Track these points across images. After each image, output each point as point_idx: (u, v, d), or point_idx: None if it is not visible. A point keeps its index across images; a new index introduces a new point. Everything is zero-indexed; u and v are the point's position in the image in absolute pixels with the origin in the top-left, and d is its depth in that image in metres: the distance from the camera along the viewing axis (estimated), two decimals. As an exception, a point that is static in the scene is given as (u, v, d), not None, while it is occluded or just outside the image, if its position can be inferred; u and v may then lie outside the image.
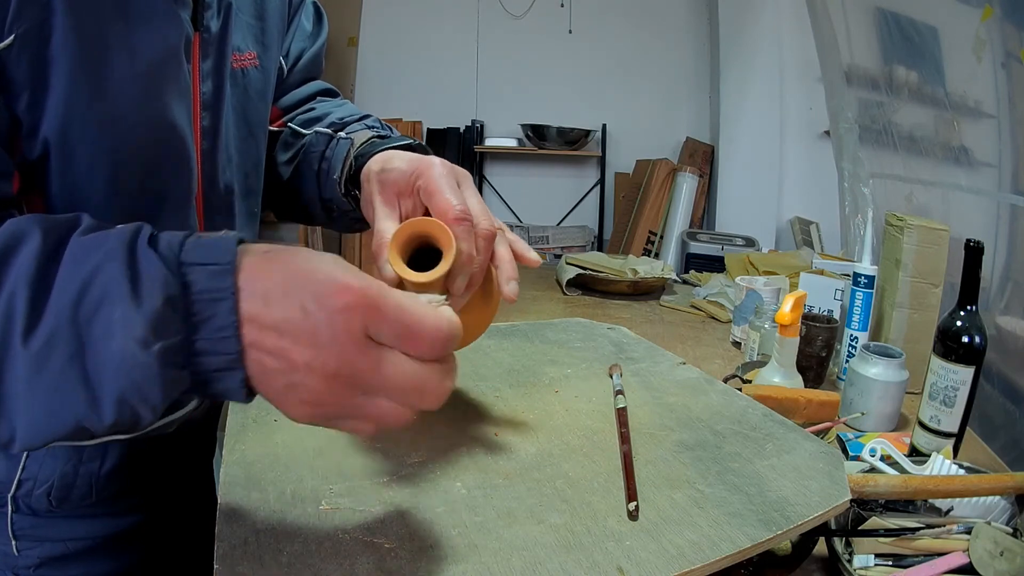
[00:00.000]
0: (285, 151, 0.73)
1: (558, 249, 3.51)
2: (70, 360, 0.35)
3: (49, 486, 0.57)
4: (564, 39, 3.54)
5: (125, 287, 0.35)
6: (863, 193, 1.82)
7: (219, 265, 0.36)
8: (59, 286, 0.35)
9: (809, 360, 1.03)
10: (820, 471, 0.54)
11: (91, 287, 0.35)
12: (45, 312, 0.35)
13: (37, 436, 0.36)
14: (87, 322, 0.35)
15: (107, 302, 0.35)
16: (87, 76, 0.43)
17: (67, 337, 0.35)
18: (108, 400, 0.35)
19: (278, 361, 0.36)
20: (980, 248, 0.77)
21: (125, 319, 0.34)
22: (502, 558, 0.42)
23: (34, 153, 0.44)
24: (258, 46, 0.62)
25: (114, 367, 0.35)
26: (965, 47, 1.23)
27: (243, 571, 0.40)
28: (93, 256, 0.36)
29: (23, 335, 0.34)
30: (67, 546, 0.61)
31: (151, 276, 0.35)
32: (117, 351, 0.34)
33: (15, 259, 0.35)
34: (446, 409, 0.62)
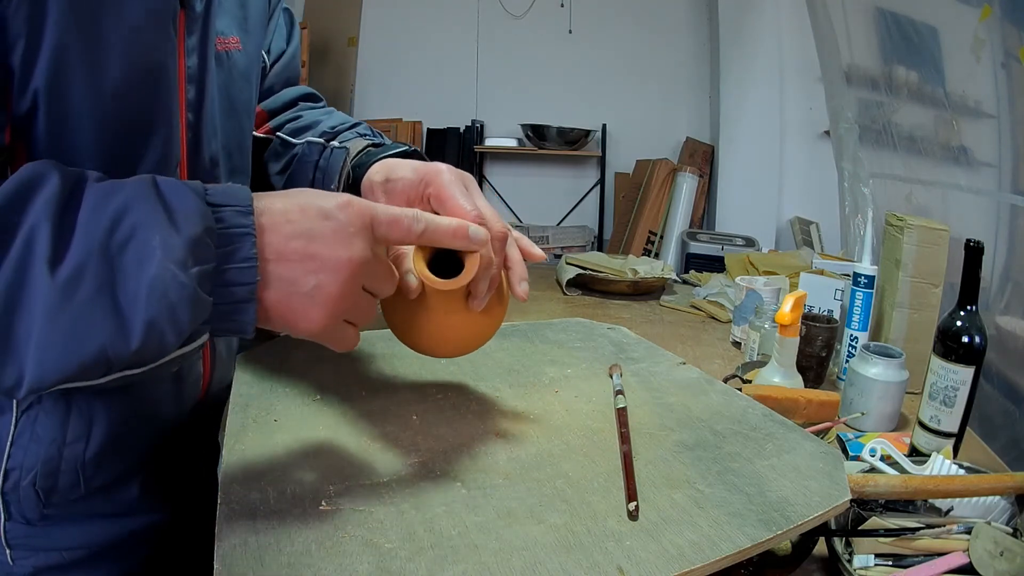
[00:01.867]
0: (276, 161, 0.75)
1: (558, 249, 3.51)
2: (100, 289, 0.37)
3: (34, 475, 0.56)
4: (564, 39, 3.54)
5: (162, 217, 0.38)
6: (863, 193, 1.82)
7: (242, 206, 0.41)
8: (84, 221, 0.38)
9: (809, 360, 1.03)
10: (820, 471, 0.54)
11: (123, 219, 0.38)
12: (72, 245, 0.37)
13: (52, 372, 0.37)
14: (119, 251, 0.37)
15: (141, 231, 0.38)
16: (79, 30, 0.46)
17: (98, 266, 0.37)
18: (138, 324, 0.37)
19: (306, 264, 0.42)
20: (980, 248, 0.77)
21: (165, 243, 0.37)
22: (502, 558, 0.42)
23: (24, 106, 0.45)
24: (241, 32, 0.64)
25: (148, 290, 0.37)
26: (964, 47, 1.23)
27: (243, 571, 0.40)
28: (119, 195, 0.39)
29: (49, 266, 0.36)
30: (63, 555, 0.60)
31: (188, 208, 0.39)
32: (154, 275, 0.37)
33: (36, 196, 0.37)
34: (446, 409, 0.63)
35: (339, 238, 0.43)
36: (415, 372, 0.71)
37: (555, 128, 3.36)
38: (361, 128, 0.75)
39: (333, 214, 0.43)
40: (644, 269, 1.72)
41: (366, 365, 0.73)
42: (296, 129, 0.76)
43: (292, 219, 0.43)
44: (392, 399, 0.64)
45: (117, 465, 0.61)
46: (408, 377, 0.70)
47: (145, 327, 0.37)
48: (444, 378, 0.70)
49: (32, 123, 0.46)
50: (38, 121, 0.46)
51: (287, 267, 0.42)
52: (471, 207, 0.52)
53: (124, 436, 0.61)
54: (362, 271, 0.44)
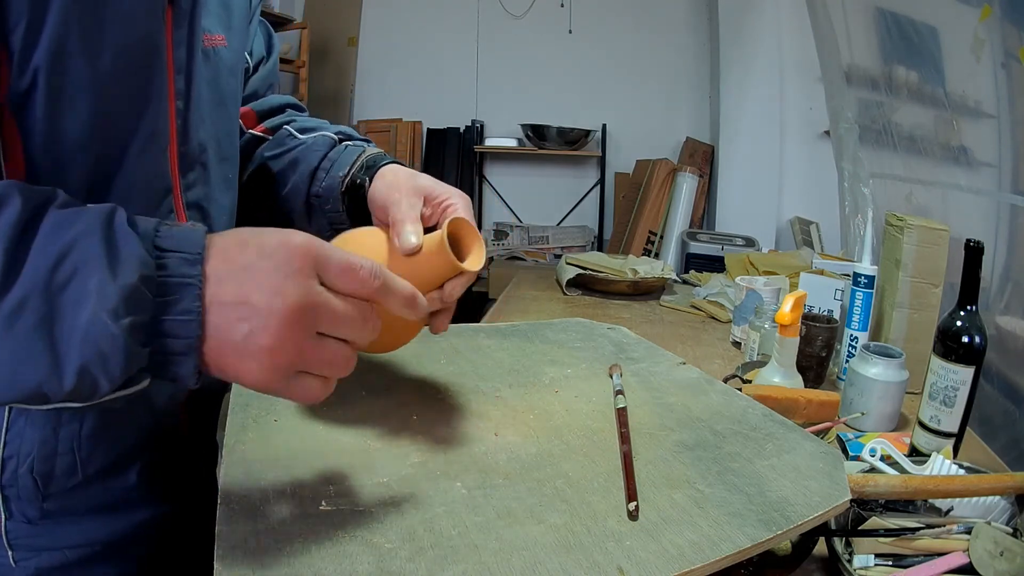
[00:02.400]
0: (275, 148, 0.78)
1: (558, 249, 3.50)
2: (38, 325, 0.37)
3: (31, 460, 0.56)
4: (564, 39, 3.54)
5: (102, 259, 0.38)
6: (863, 193, 1.82)
7: (191, 253, 0.40)
8: (35, 253, 0.37)
9: (809, 360, 1.03)
10: (820, 471, 0.54)
11: (68, 256, 0.37)
12: (19, 277, 0.37)
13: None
14: (59, 289, 0.37)
15: (82, 271, 0.37)
16: (81, 10, 0.47)
17: (38, 302, 0.37)
18: (71, 367, 0.37)
19: (238, 309, 0.40)
20: (980, 248, 0.77)
21: (100, 289, 0.37)
22: (502, 558, 0.42)
23: (23, 83, 0.46)
24: (226, 30, 0.67)
25: (81, 335, 0.37)
26: (964, 47, 1.23)
27: (243, 571, 0.40)
28: (71, 228, 0.38)
29: None
30: (65, 555, 0.60)
31: (129, 253, 0.38)
32: (87, 320, 0.37)
33: None
34: (446, 409, 0.63)
35: (273, 280, 0.40)
36: (415, 372, 0.71)
37: (555, 128, 3.36)
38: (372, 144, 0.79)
39: (271, 251, 0.41)
40: (644, 269, 1.72)
41: (366, 365, 0.73)
42: (303, 128, 0.79)
43: (230, 257, 0.41)
44: (392, 399, 0.64)
45: (113, 446, 0.61)
46: (408, 377, 0.70)
47: (78, 371, 0.37)
48: (444, 378, 0.70)
49: (30, 101, 0.47)
50: (36, 99, 0.47)
51: (218, 312, 0.40)
52: None
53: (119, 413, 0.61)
54: (303, 317, 0.40)
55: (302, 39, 3.24)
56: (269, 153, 0.78)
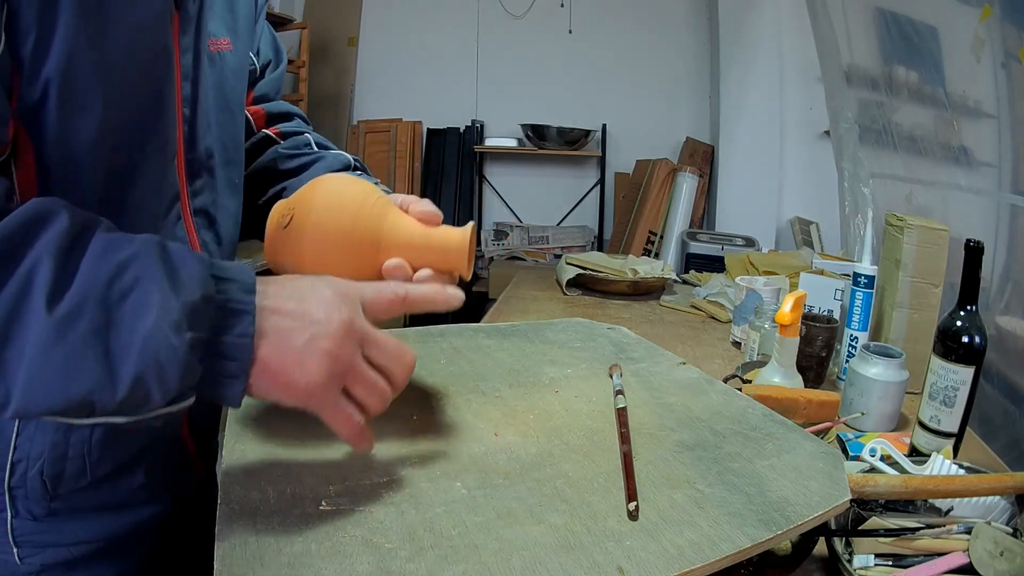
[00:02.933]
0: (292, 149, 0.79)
1: (558, 249, 3.50)
2: (94, 333, 0.37)
3: (41, 463, 0.56)
4: (564, 39, 3.54)
5: (163, 276, 0.39)
6: (863, 193, 1.82)
7: (246, 284, 0.43)
8: (88, 264, 0.38)
9: (809, 360, 1.03)
10: (820, 471, 0.54)
11: (126, 271, 0.39)
12: (73, 284, 0.37)
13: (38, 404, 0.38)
14: (118, 301, 0.38)
15: (143, 284, 0.38)
16: (89, 21, 0.47)
17: (94, 311, 0.37)
18: (126, 377, 0.38)
19: (300, 319, 0.44)
20: (980, 248, 0.77)
21: (163, 303, 0.38)
22: (502, 558, 0.42)
23: (34, 95, 0.46)
24: (231, 34, 0.67)
25: (140, 345, 0.38)
26: (965, 47, 1.22)
27: (243, 571, 0.40)
28: (126, 246, 0.40)
29: (47, 302, 0.36)
30: (70, 551, 0.60)
31: (191, 273, 0.40)
32: (147, 331, 0.38)
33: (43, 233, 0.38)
34: (446, 409, 0.63)
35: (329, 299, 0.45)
36: (415, 372, 0.71)
37: (555, 128, 3.36)
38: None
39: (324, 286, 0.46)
40: (644, 269, 1.72)
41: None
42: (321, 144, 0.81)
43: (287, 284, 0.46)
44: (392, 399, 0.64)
45: (122, 449, 0.62)
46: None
47: (132, 380, 0.38)
48: (444, 378, 0.70)
49: (41, 112, 0.47)
50: (47, 110, 0.47)
51: (280, 322, 0.43)
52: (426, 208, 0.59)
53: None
54: (355, 334, 0.46)
55: (302, 39, 3.24)
56: (284, 152, 0.78)
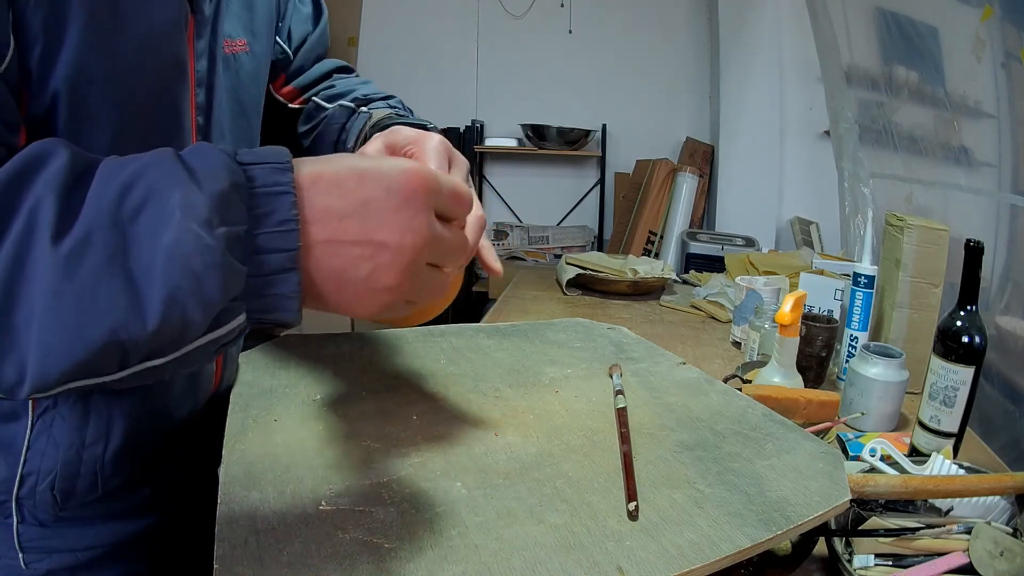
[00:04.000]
0: (306, 123, 0.76)
1: (558, 249, 3.50)
2: (109, 259, 0.31)
3: (53, 478, 0.56)
4: (564, 39, 3.54)
5: (182, 176, 0.33)
6: (863, 193, 1.82)
7: (278, 163, 0.36)
8: (95, 192, 0.33)
9: (809, 360, 1.03)
10: (820, 471, 0.54)
11: (135, 185, 0.33)
12: (79, 217, 0.32)
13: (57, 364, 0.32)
14: (131, 218, 0.32)
15: (158, 193, 0.32)
16: (98, 33, 0.45)
17: (106, 234, 0.32)
18: (155, 298, 0.32)
19: (363, 248, 0.37)
20: (980, 248, 0.77)
21: (187, 202, 0.32)
22: (502, 558, 0.42)
23: (42, 107, 0.45)
24: (248, 34, 0.65)
25: (166, 258, 0.32)
26: (965, 47, 1.22)
27: (243, 571, 0.40)
28: (132, 163, 0.34)
29: (51, 240, 0.31)
30: (77, 556, 0.60)
31: (213, 164, 0.34)
32: (173, 239, 0.32)
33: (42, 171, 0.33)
34: (446, 409, 0.63)
35: (401, 217, 0.37)
36: (415, 372, 0.71)
37: (555, 128, 3.36)
38: (393, 101, 0.76)
39: (394, 186, 0.37)
40: (644, 269, 1.72)
41: (366, 365, 0.73)
42: (331, 96, 0.77)
43: (347, 188, 0.37)
44: (392, 399, 0.64)
45: (135, 465, 0.62)
46: (408, 377, 0.70)
47: (165, 302, 0.32)
48: (444, 378, 0.70)
49: (51, 124, 0.46)
50: (57, 122, 0.46)
51: (338, 249, 0.36)
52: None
53: (141, 435, 0.61)
54: (425, 253, 0.39)
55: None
56: (302, 128, 0.76)
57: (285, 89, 0.76)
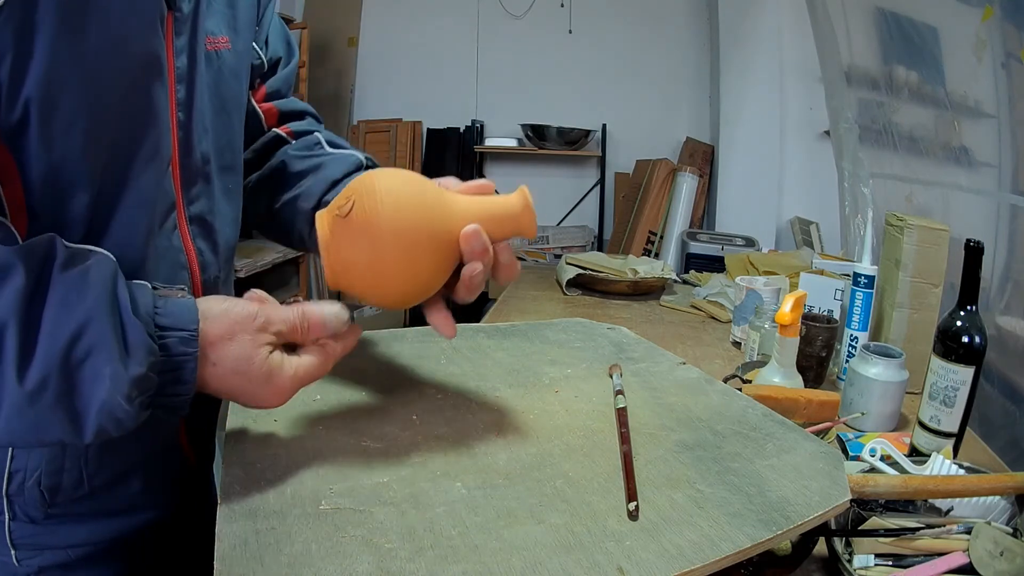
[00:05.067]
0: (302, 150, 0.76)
1: (558, 249, 3.50)
2: (60, 399, 0.42)
3: (39, 474, 0.56)
4: (564, 39, 3.54)
5: (114, 347, 0.43)
6: (863, 193, 1.82)
7: (188, 332, 0.46)
8: (48, 330, 0.42)
9: (809, 360, 1.03)
10: (820, 471, 0.54)
11: (81, 338, 0.42)
12: (36, 353, 0.41)
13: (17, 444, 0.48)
14: (76, 367, 0.42)
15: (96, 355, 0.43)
16: (68, 38, 0.46)
17: (57, 380, 0.42)
18: (89, 430, 0.44)
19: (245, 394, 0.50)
20: (980, 248, 0.77)
21: (115, 376, 0.43)
22: (502, 558, 0.42)
23: (15, 116, 0.46)
24: (230, 31, 0.65)
25: (97, 408, 0.43)
26: (965, 47, 1.22)
27: (243, 571, 0.40)
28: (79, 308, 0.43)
29: (17, 370, 0.41)
30: (68, 553, 0.60)
31: (137, 343, 0.44)
32: (104, 399, 0.43)
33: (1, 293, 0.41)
34: (446, 409, 0.63)
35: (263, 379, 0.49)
36: (415, 372, 0.71)
37: (555, 128, 3.36)
38: None
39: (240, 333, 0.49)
40: (644, 269, 1.72)
41: (366, 365, 0.73)
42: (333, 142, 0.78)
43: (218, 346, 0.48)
44: (392, 399, 0.64)
45: (119, 460, 0.61)
46: (408, 377, 0.70)
47: (95, 431, 0.44)
48: (444, 378, 0.70)
49: (24, 133, 0.46)
50: (30, 131, 0.46)
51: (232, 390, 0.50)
52: None
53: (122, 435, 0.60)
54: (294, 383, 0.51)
55: (302, 39, 3.24)
56: (294, 153, 0.76)
57: (265, 105, 0.77)
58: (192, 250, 0.63)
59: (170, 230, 0.59)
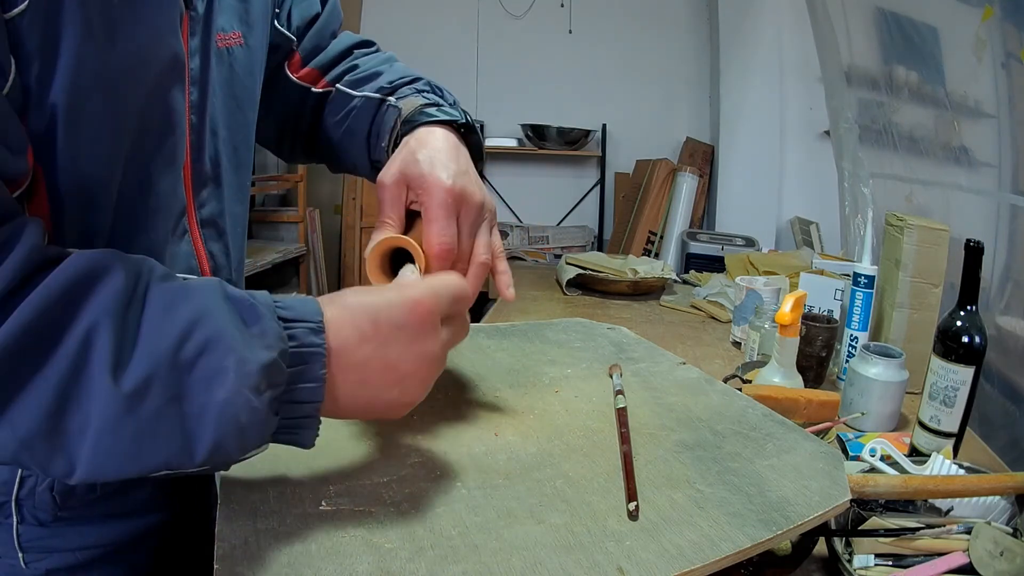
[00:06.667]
0: (335, 113, 0.73)
1: (558, 249, 3.50)
2: (168, 404, 0.36)
3: (52, 480, 0.56)
4: (564, 39, 3.54)
5: (237, 336, 0.38)
6: (863, 193, 1.82)
7: (313, 323, 0.41)
8: (151, 326, 0.37)
9: (809, 360, 1.03)
10: (820, 471, 0.54)
11: (194, 332, 0.37)
12: (136, 350, 0.36)
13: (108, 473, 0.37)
14: (189, 366, 0.37)
15: (213, 350, 0.37)
16: (93, 43, 0.45)
17: (166, 379, 0.36)
18: (204, 444, 0.37)
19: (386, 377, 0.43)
20: (980, 248, 0.77)
21: (240, 366, 0.37)
22: (502, 558, 0.42)
23: (42, 123, 0.44)
24: (243, 26, 0.63)
25: (218, 412, 0.37)
26: (965, 47, 1.22)
27: (243, 571, 0.40)
28: (188, 302, 0.38)
29: (111, 372, 0.35)
30: (76, 556, 0.59)
31: (264, 328, 0.39)
32: (224, 399, 0.37)
33: (96, 291, 0.36)
34: (446, 409, 0.63)
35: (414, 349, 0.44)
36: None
37: (555, 128, 3.36)
38: (420, 84, 0.73)
39: (406, 324, 0.43)
40: (644, 269, 1.72)
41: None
42: (355, 81, 0.74)
43: (366, 336, 0.42)
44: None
45: None
46: (408, 377, 0.70)
47: (212, 446, 0.37)
48: (444, 378, 0.70)
49: (51, 141, 0.45)
50: (56, 136, 0.45)
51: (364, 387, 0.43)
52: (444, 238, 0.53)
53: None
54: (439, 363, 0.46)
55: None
56: (331, 120, 0.73)
57: (303, 71, 0.73)
58: (204, 254, 0.61)
59: (181, 235, 0.58)
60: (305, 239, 3.33)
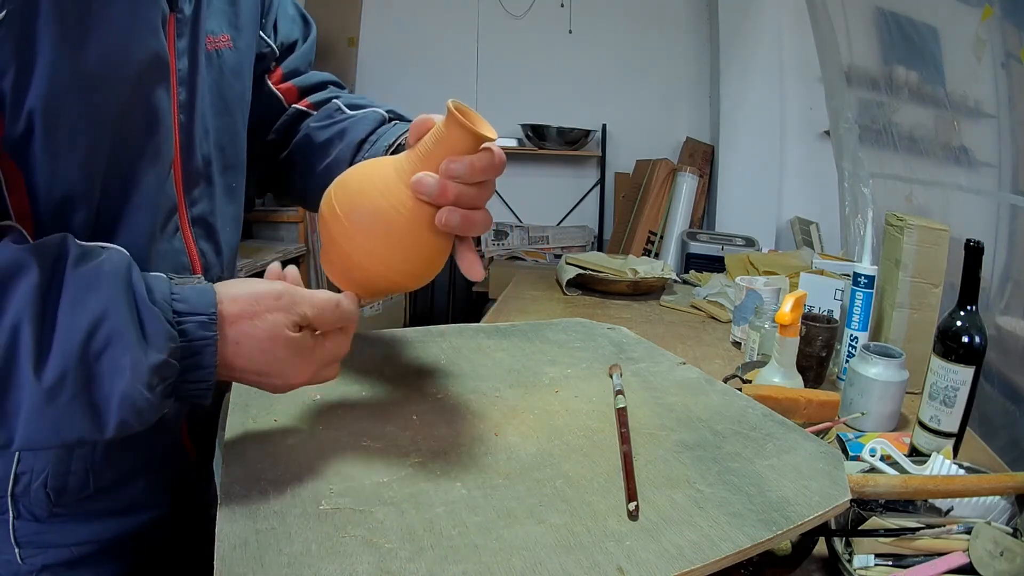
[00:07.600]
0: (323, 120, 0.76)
1: (558, 249, 3.50)
2: (79, 393, 0.42)
3: (45, 476, 0.57)
4: (564, 39, 3.54)
5: (133, 335, 0.43)
6: (863, 193, 1.82)
7: (206, 316, 0.46)
8: (64, 324, 0.42)
9: (809, 360, 1.03)
10: (820, 471, 0.54)
11: (99, 328, 0.42)
12: (53, 348, 0.41)
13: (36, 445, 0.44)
14: (95, 359, 0.42)
15: (115, 344, 0.42)
16: (69, 47, 0.46)
17: (77, 374, 0.41)
18: (111, 423, 0.43)
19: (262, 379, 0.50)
20: (980, 248, 0.77)
21: (135, 366, 0.42)
22: (502, 558, 0.42)
23: (19, 129, 0.46)
24: (232, 29, 0.65)
25: (119, 401, 0.43)
26: (965, 47, 1.22)
27: (243, 571, 0.40)
28: (95, 294, 0.43)
29: (34, 367, 0.40)
30: (72, 551, 0.60)
31: (156, 330, 0.44)
32: (124, 390, 0.43)
33: (14, 289, 0.41)
34: (446, 409, 0.63)
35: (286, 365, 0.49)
36: (415, 372, 0.71)
37: (555, 128, 3.36)
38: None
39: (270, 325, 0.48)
40: (644, 269, 1.72)
41: (366, 365, 0.73)
42: (352, 104, 0.77)
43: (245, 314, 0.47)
44: (392, 399, 0.64)
45: (124, 462, 0.62)
46: (408, 377, 0.70)
47: (116, 425, 0.44)
48: (444, 378, 0.70)
49: (28, 144, 0.46)
50: (34, 141, 0.46)
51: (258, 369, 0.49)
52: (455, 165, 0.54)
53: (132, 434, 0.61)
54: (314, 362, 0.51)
55: (302, 39, 3.24)
56: (316, 124, 0.75)
57: (283, 85, 0.76)
58: (195, 252, 0.63)
59: (172, 233, 0.59)
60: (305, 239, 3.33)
